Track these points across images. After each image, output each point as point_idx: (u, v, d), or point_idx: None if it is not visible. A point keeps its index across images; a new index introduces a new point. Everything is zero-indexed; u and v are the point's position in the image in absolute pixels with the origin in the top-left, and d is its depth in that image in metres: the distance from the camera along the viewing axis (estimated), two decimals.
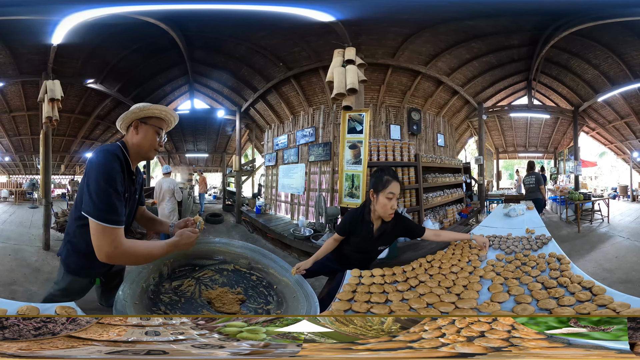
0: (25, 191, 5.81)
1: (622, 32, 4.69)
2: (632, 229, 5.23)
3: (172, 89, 5.97)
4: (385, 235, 3.16)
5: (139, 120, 2.49)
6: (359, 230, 3.15)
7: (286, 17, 4.24)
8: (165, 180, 5.47)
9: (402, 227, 3.22)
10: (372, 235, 3.14)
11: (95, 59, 5.17)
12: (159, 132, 2.56)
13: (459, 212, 5.88)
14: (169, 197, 5.34)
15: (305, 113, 5.75)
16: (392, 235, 3.22)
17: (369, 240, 3.17)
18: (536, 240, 3.58)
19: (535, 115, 6.16)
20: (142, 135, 2.48)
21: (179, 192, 5.39)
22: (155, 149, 2.57)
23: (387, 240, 3.22)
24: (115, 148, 2.28)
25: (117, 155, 2.22)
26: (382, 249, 3.27)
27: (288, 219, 5.96)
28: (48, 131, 4.83)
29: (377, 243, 3.20)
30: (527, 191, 5.69)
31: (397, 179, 2.98)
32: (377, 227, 3.13)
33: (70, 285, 2.53)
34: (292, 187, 5.94)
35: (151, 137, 2.51)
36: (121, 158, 2.25)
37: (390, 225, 3.12)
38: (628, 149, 5.94)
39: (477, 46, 5.15)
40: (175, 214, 5.34)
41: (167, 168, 5.67)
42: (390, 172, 3.03)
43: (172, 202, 5.32)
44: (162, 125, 2.60)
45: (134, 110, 2.47)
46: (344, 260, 3.24)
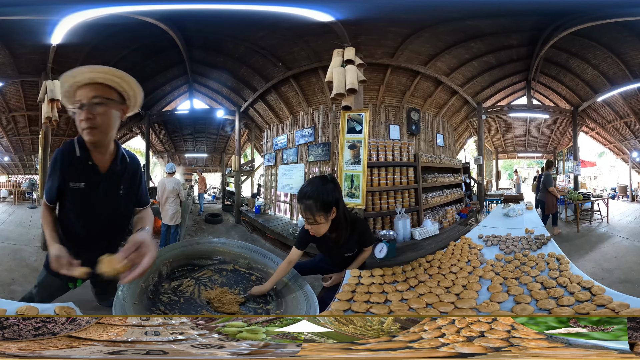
0: (24, 191, 5.80)
1: (622, 32, 4.69)
2: (632, 229, 5.23)
3: (172, 89, 5.96)
4: (344, 243, 2.95)
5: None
6: (318, 241, 2.97)
7: (285, 17, 4.24)
8: (170, 180, 5.24)
9: (357, 234, 2.96)
10: (331, 244, 2.96)
11: (95, 59, 5.15)
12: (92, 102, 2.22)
13: (459, 212, 5.89)
14: (173, 198, 5.13)
15: (305, 113, 5.75)
16: (351, 242, 2.98)
17: (330, 249, 3.05)
18: (535, 240, 3.59)
19: (535, 115, 6.16)
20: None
21: (183, 193, 5.22)
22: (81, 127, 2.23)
23: (350, 246, 3.02)
24: (67, 142, 2.35)
25: (59, 149, 2.32)
26: (349, 255, 3.06)
27: (287, 219, 5.95)
28: (47, 131, 4.83)
29: (339, 250, 3.03)
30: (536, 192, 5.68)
31: (298, 200, 2.74)
32: (332, 237, 2.90)
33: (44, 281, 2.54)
34: (291, 187, 5.93)
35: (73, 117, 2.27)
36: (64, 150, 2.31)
37: (345, 235, 2.89)
38: (627, 149, 5.94)
39: (477, 46, 5.15)
40: (178, 216, 5.15)
41: (172, 167, 5.41)
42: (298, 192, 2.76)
43: (176, 204, 5.11)
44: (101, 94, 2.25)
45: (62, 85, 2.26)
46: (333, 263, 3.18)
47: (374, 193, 4.97)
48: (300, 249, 2.94)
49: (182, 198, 5.11)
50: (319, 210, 2.65)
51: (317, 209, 2.64)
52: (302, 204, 2.67)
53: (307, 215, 2.66)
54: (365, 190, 4.53)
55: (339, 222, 2.79)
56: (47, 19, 4.21)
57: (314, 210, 2.64)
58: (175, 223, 5.06)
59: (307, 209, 2.64)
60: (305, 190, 2.70)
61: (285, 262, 2.92)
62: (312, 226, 2.70)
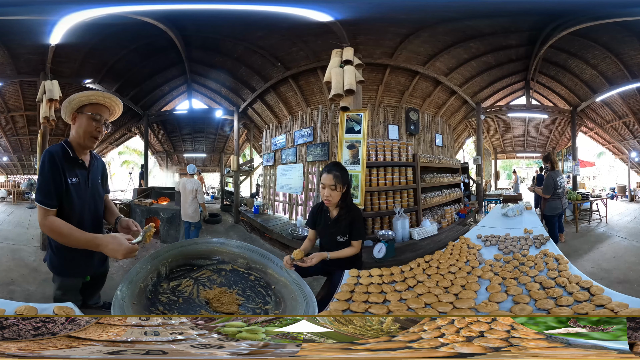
0: (23, 191, 5.79)
1: (621, 32, 4.69)
2: (630, 229, 5.23)
3: (170, 89, 5.96)
4: (340, 222, 3.34)
5: (76, 111, 2.64)
6: (320, 219, 3.47)
7: (284, 17, 4.24)
8: (190, 180, 5.47)
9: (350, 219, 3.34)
10: (330, 222, 3.39)
11: (93, 59, 5.16)
12: (95, 118, 2.64)
13: (457, 212, 5.89)
14: (192, 197, 5.37)
15: (304, 113, 5.74)
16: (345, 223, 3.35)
17: (327, 227, 3.41)
18: (534, 240, 3.59)
19: (534, 115, 6.17)
20: (77, 125, 2.64)
21: (202, 194, 5.44)
22: (93, 136, 2.65)
23: (342, 229, 3.35)
24: (54, 145, 2.59)
25: (50, 151, 2.51)
26: (341, 239, 3.35)
27: (286, 219, 5.95)
28: (46, 131, 4.82)
29: (334, 230, 3.37)
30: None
31: (328, 171, 3.26)
32: (333, 215, 3.38)
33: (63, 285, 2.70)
34: (290, 187, 5.93)
35: (85, 125, 2.62)
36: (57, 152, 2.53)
37: (343, 213, 3.33)
38: (626, 149, 5.95)
39: (475, 46, 5.15)
40: (197, 214, 5.37)
41: (194, 169, 5.62)
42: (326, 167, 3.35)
43: (195, 203, 5.37)
44: (100, 111, 2.67)
45: (65, 104, 2.63)
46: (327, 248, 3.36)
47: (373, 193, 4.97)
48: (310, 227, 3.56)
49: (200, 200, 5.36)
50: (340, 180, 3.23)
51: (339, 180, 3.23)
52: (331, 173, 3.23)
53: (333, 182, 3.21)
54: (364, 190, 4.54)
55: (345, 198, 3.32)
56: (45, 19, 4.20)
57: (339, 179, 3.22)
58: (194, 221, 5.36)
59: (335, 178, 3.21)
60: (336, 165, 3.35)
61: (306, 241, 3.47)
62: (332, 193, 3.24)
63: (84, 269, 2.72)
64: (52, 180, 2.48)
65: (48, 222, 2.43)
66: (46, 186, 2.46)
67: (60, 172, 2.51)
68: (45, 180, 2.46)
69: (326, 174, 3.24)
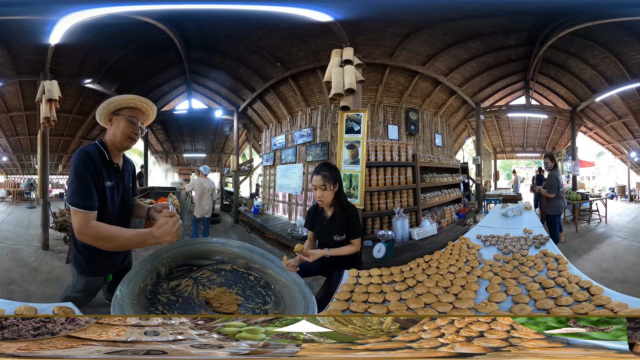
0: (23, 191, 5.79)
1: (620, 32, 4.70)
2: (630, 229, 5.24)
3: (170, 89, 5.96)
4: (336, 221, 3.36)
5: (112, 113, 2.65)
6: (316, 219, 3.50)
7: (284, 17, 4.24)
8: (206, 180, 5.80)
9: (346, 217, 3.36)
10: (326, 222, 3.41)
11: (93, 59, 5.16)
12: (132, 121, 2.66)
13: (457, 212, 5.89)
14: (208, 195, 5.75)
15: (303, 113, 5.75)
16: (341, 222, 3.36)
17: (324, 227, 3.42)
18: (534, 240, 3.59)
19: (533, 115, 6.17)
20: (115, 127, 2.64)
21: (216, 193, 5.89)
22: (130, 137, 2.67)
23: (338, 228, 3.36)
24: (89, 146, 2.54)
25: (87, 151, 2.44)
26: (338, 239, 3.35)
27: (286, 219, 5.95)
28: (46, 131, 4.82)
29: (330, 230, 3.37)
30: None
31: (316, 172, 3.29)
32: (328, 215, 3.40)
33: (86, 286, 2.67)
34: (289, 187, 5.93)
35: (123, 127, 2.63)
36: (93, 153, 2.48)
37: (338, 212, 3.35)
38: (626, 149, 5.95)
39: (475, 46, 5.16)
40: (211, 209, 5.81)
41: (208, 170, 5.92)
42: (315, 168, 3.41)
43: (210, 200, 5.76)
44: (136, 115, 2.71)
45: (104, 105, 2.64)
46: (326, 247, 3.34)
47: (373, 193, 4.97)
48: (308, 228, 3.60)
49: (214, 197, 5.83)
50: (330, 180, 3.25)
51: (329, 179, 3.24)
52: (320, 174, 3.25)
53: (322, 182, 3.24)
54: (364, 190, 4.53)
55: (339, 196, 3.35)
56: (45, 19, 4.20)
57: (329, 179, 3.24)
58: (208, 215, 5.82)
59: (324, 178, 3.24)
60: (324, 165, 3.36)
61: (307, 242, 3.54)
62: (323, 193, 3.26)
63: (110, 267, 2.73)
64: (92, 181, 2.38)
65: (92, 228, 2.30)
66: (85, 188, 2.34)
67: (98, 174, 2.46)
68: (83, 182, 2.35)
69: (315, 175, 3.29)
